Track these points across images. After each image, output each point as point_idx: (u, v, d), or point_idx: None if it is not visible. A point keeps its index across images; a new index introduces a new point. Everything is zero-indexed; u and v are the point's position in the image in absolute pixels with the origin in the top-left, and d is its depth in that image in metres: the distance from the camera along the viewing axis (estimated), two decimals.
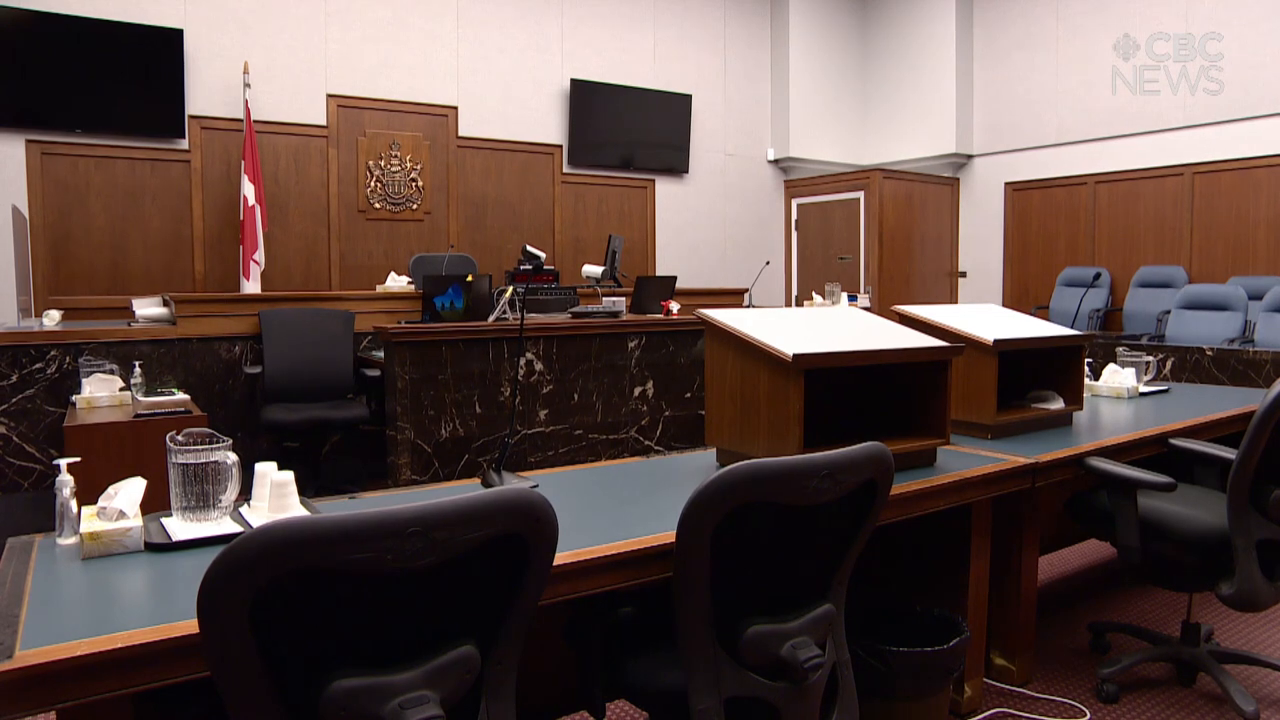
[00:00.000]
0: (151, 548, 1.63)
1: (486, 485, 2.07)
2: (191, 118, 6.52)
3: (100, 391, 3.71)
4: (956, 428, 2.71)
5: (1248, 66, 7.26)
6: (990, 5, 9.00)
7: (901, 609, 2.42)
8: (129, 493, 1.69)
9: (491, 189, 7.87)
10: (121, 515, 1.64)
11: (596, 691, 1.77)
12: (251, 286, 6.38)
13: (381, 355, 4.37)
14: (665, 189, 8.85)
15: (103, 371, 3.82)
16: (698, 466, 2.41)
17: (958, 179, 9.42)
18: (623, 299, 4.98)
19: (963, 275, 9.47)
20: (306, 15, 6.93)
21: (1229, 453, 2.57)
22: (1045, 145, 8.65)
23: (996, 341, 2.80)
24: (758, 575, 1.64)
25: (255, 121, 6.57)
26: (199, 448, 1.71)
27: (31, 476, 4.13)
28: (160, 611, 1.35)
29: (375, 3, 7.22)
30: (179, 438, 1.72)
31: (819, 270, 9.25)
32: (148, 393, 3.80)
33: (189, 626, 1.22)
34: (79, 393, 3.75)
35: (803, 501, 1.54)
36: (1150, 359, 3.98)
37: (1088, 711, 2.58)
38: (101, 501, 1.66)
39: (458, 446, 3.97)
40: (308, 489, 1.96)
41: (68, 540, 1.65)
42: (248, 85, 6.54)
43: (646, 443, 4.53)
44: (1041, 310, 7.95)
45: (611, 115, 8.37)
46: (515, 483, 2.08)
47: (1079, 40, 8.32)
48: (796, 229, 9.59)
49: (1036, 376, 3.13)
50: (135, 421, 3.41)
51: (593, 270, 5.63)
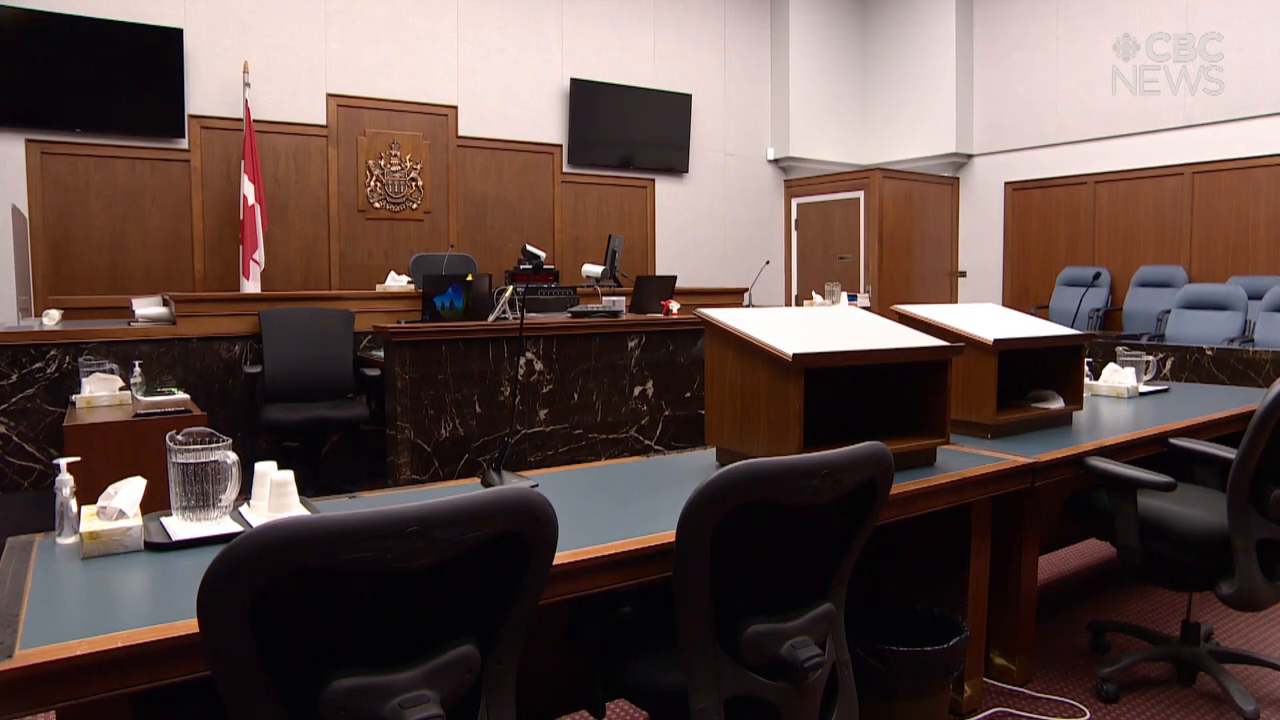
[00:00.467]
0: (151, 547, 1.63)
1: (486, 485, 2.07)
2: (191, 117, 6.52)
3: (100, 391, 3.71)
4: (956, 427, 2.71)
5: (1247, 66, 7.26)
6: (990, 5, 9.00)
7: (901, 608, 2.42)
8: (129, 492, 1.69)
9: (491, 188, 7.87)
10: (121, 515, 1.64)
11: (596, 691, 1.78)
12: (251, 286, 6.38)
13: (381, 355, 4.37)
14: (665, 189, 8.85)
15: (102, 371, 3.82)
16: (697, 466, 2.41)
17: (958, 179, 9.42)
18: (622, 299, 4.98)
19: (963, 275, 9.47)
20: (306, 15, 6.93)
21: (1229, 452, 2.57)
22: (1045, 145, 8.65)
23: (996, 341, 2.80)
24: (757, 575, 1.64)
25: (255, 121, 6.57)
26: (199, 447, 1.71)
27: (31, 476, 4.14)
28: (160, 611, 1.35)
29: (375, 2, 7.22)
30: (179, 437, 1.72)
31: (819, 270, 9.25)
32: (147, 392, 3.80)
33: (189, 626, 1.22)
34: (79, 392, 3.75)
35: (802, 501, 1.54)
36: (1150, 359, 3.98)
37: (1087, 711, 2.58)
38: (101, 501, 1.66)
39: (458, 446, 3.97)
40: (307, 489, 1.95)
41: (68, 540, 1.65)
42: (247, 85, 6.54)
43: (646, 442, 4.53)
44: (1041, 310, 7.95)
45: (611, 115, 8.37)
46: (515, 482, 2.08)
47: (1079, 40, 8.32)
48: (796, 229, 9.59)
49: (1036, 376, 3.13)
50: (135, 421, 3.42)
51: (593, 270, 5.63)
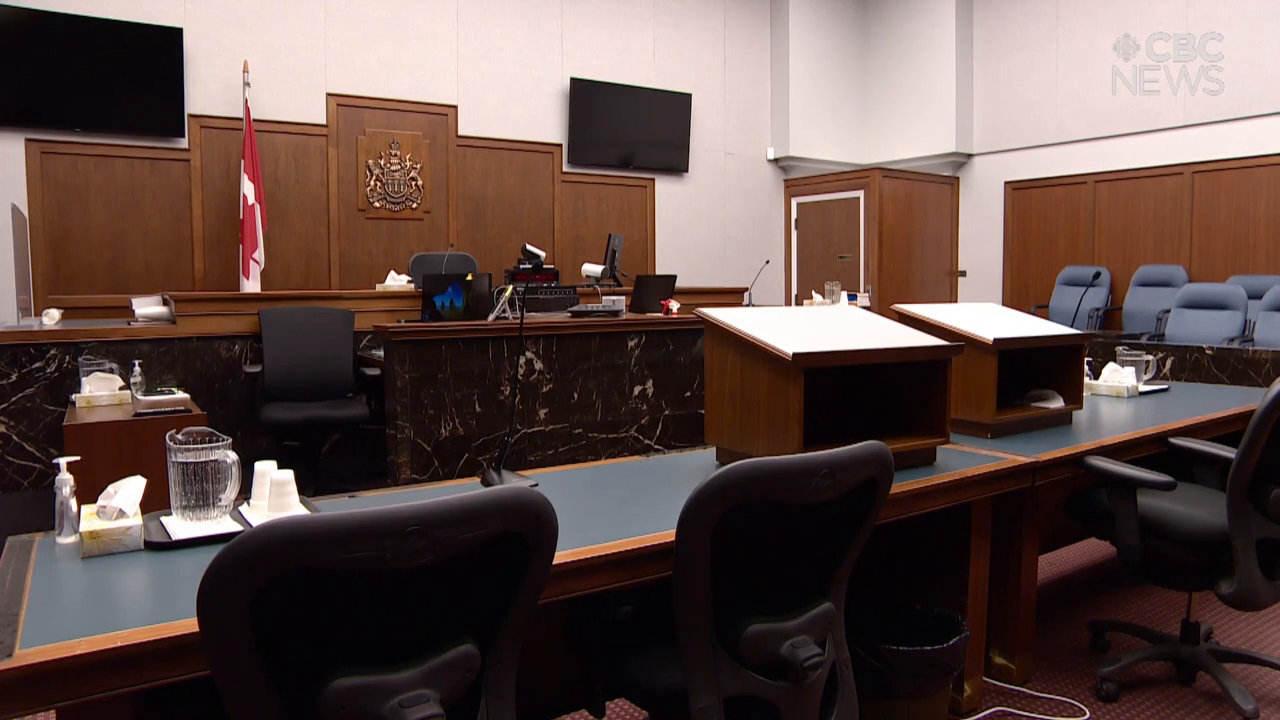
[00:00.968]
0: (151, 546, 1.63)
1: (486, 484, 2.07)
2: (191, 116, 6.52)
3: (100, 390, 3.71)
4: (956, 427, 2.71)
5: (1247, 66, 7.26)
6: (990, 4, 9.00)
7: (901, 608, 2.42)
8: (128, 491, 1.69)
9: (491, 188, 7.87)
10: (121, 514, 1.64)
11: (596, 690, 1.78)
12: (251, 285, 6.38)
13: (381, 354, 4.37)
14: (665, 188, 8.85)
15: (102, 370, 3.82)
16: (697, 465, 2.41)
17: (957, 178, 9.42)
18: (622, 298, 4.98)
19: (962, 274, 9.46)
20: (306, 14, 6.93)
21: (1229, 452, 2.57)
22: (1045, 144, 8.65)
23: (996, 340, 2.80)
24: (757, 574, 1.64)
25: (255, 120, 6.57)
26: (198, 446, 1.71)
27: (31, 475, 4.13)
28: (160, 610, 1.35)
29: (375, 2, 7.22)
30: (179, 436, 1.71)
31: (819, 269, 9.25)
32: (147, 392, 3.79)
33: (189, 625, 1.22)
34: (79, 392, 3.75)
35: (802, 500, 1.54)
36: (1150, 358, 3.98)
37: (1087, 710, 2.58)
38: (101, 500, 1.66)
39: (457, 445, 3.97)
40: (307, 488, 1.95)
41: (67, 539, 1.65)
42: (247, 84, 6.54)
43: (646, 442, 4.53)
44: (1041, 309, 7.94)
45: (611, 114, 8.36)
46: (515, 482, 2.08)
47: (1079, 40, 8.31)
48: (796, 228, 9.59)
49: (1036, 375, 3.13)
50: (135, 420, 3.41)
51: (592, 269, 5.63)
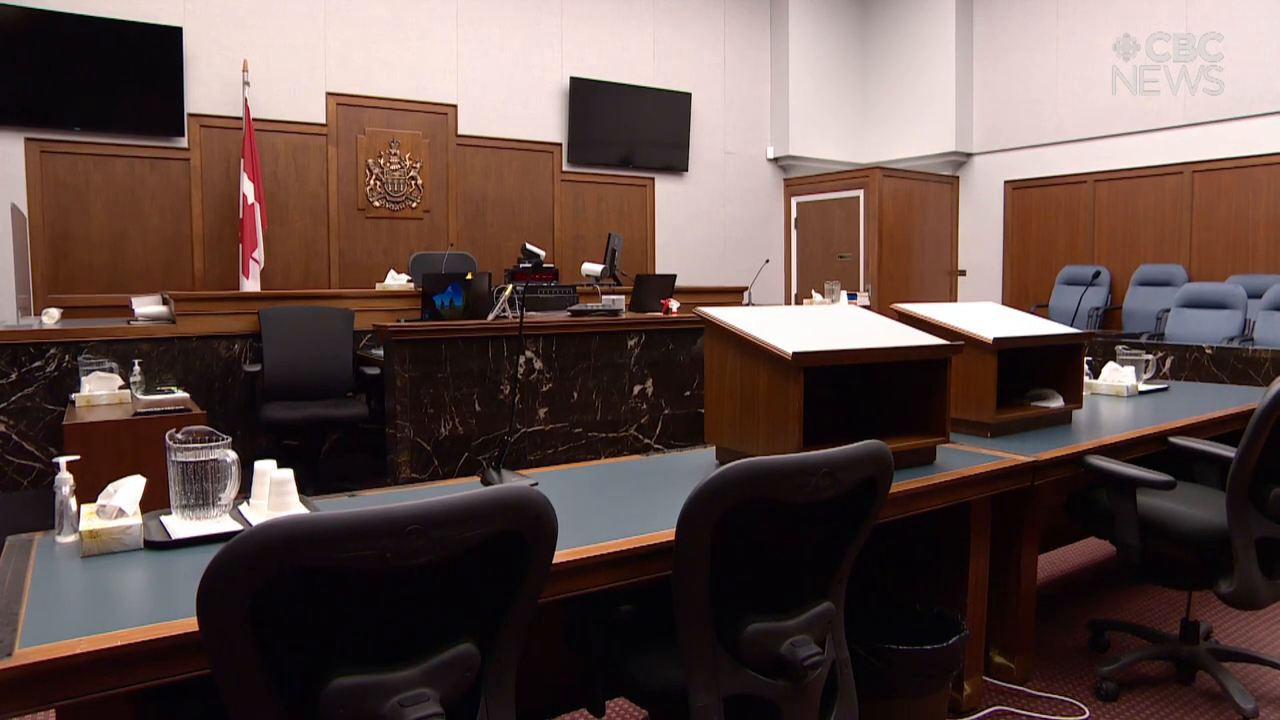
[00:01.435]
0: (151, 546, 1.63)
1: (486, 483, 2.07)
2: (191, 116, 6.51)
3: (99, 390, 3.71)
4: (956, 426, 2.71)
5: (1247, 65, 7.26)
6: (990, 4, 9.00)
7: (901, 607, 2.42)
8: (128, 491, 1.69)
9: (491, 187, 7.87)
10: (121, 513, 1.64)
11: (596, 689, 1.77)
12: (251, 285, 6.38)
13: (381, 353, 4.37)
14: (665, 187, 8.85)
15: (102, 370, 3.82)
16: (697, 465, 2.41)
17: (957, 177, 9.42)
18: (622, 297, 4.98)
19: (962, 274, 9.46)
20: (305, 13, 6.92)
21: (1228, 451, 2.57)
22: (1045, 144, 8.65)
23: (996, 340, 2.80)
24: (757, 573, 1.64)
25: (254, 120, 6.57)
26: (198, 446, 1.70)
27: (31, 475, 4.13)
28: (160, 610, 1.35)
29: (374, 1, 7.21)
30: (178, 436, 1.71)
31: (819, 269, 9.25)
32: (147, 391, 3.79)
33: (188, 625, 1.22)
34: (78, 391, 3.75)
35: (802, 499, 1.54)
36: (1150, 357, 3.98)
37: (1087, 710, 2.58)
38: (101, 500, 1.66)
39: (457, 445, 3.97)
40: (307, 487, 1.95)
41: (67, 538, 1.65)
42: (247, 83, 6.53)
43: (646, 441, 4.53)
44: (1041, 309, 7.94)
45: (611, 113, 8.36)
46: (515, 481, 2.08)
47: (1078, 39, 8.31)
48: (796, 227, 9.59)
49: (1036, 375, 3.13)
50: (134, 420, 3.41)
51: (592, 268, 5.63)
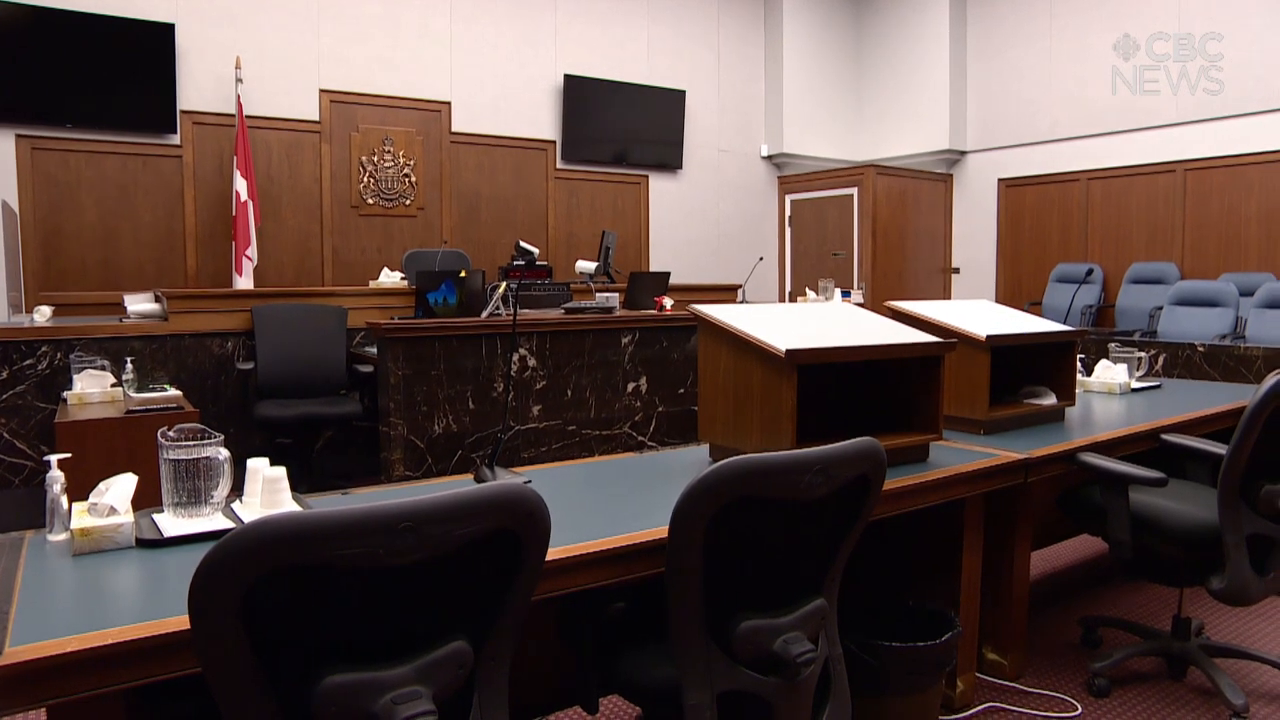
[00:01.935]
0: (143, 544, 1.62)
1: (479, 481, 2.07)
2: (183, 113, 6.49)
3: (92, 388, 3.70)
4: (949, 423, 2.72)
5: (1240, 64, 7.27)
6: (984, 2, 9.00)
7: (894, 604, 2.42)
8: (120, 489, 1.68)
9: (485, 185, 7.85)
10: (113, 511, 1.63)
11: (590, 687, 1.78)
12: (244, 282, 6.36)
13: (374, 351, 4.36)
14: (659, 185, 8.85)
15: (94, 368, 3.81)
16: (691, 462, 2.41)
17: (951, 175, 9.43)
18: (616, 295, 4.98)
19: (956, 271, 9.48)
20: (298, 9, 6.90)
21: (1220, 448, 2.58)
22: (1038, 142, 8.66)
23: (989, 337, 2.81)
24: (750, 570, 1.64)
25: (247, 116, 6.55)
26: (190, 443, 1.70)
27: (22, 473, 4.12)
28: (151, 608, 1.35)
29: None
30: (170, 433, 1.71)
31: (813, 266, 9.25)
32: (139, 389, 3.78)
33: (180, 623, 1.21)
34: (70, 389, 3.74)
35: (795, 497, 1.54)
36: (1142, 355, 3.99)
37: (1079, 705, 2.59)
38: (92, 498, 1.66)
39: (451, 442, 3.96)
40: (300, 485, 1.95)
41: (58, 537, 1.65)
42: (239, 80, 6.51)
43: (640, 438, 4.53)
44: (1035, 306, 7.95)
45: (605, 111, 8.35)
46: (508, 478, 2.08)
47: (1072, 37, 8.33)
48: (790, 225, 9.59)
49: (1029, 372, 3.14)
50: (127, 418, 3.41)
51: (586, 266, 5.62)
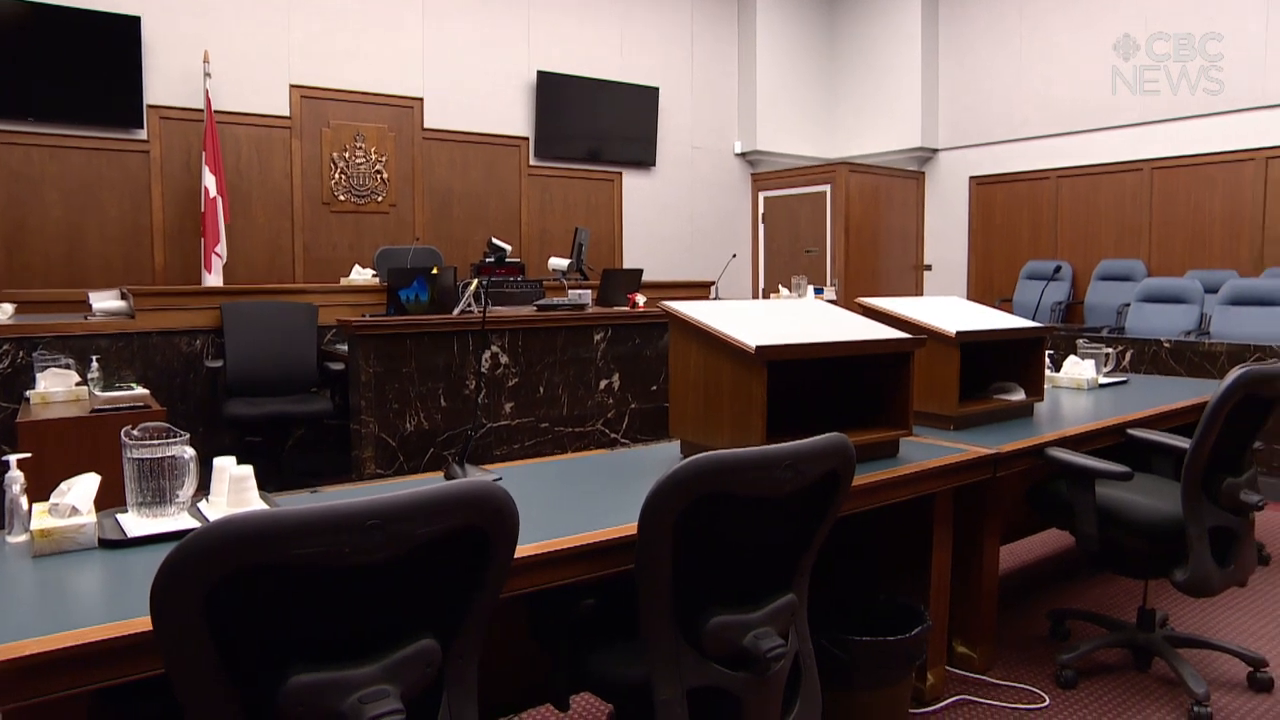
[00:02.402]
0: (106, 544, 1.60)
1: (450, 479, 2.06)
2: (150, 107, 6.39)
3: (56, 386, 3.63)
4: (919, 419, 2.73)
5: (1205, 64, 7.38)
6: (956, 1, 9.07)
7: (864, 598, 2.44)
8: (82, 489, 1.66)
9: (457, 181, 7.81)
10: (74, 511, 1.61)
11: (560, 684, 1.77)
12: (213, 279, 6.28)
13: (345, 349, 4.32)
14: (632, 182, 8.84)
15: (58, 366, 3.74)
16: (662, 458, 2.41)
17: (923, 173, 9.50)
18: (589, 292, 4.97)
19: (928, 268, 9.56)
20: (268, 3, 6.81)
21: (1184, 442, 2.62)
22: (1009, 140, 8.75)
23: (959, 333, 2.83)
24: (720, 566, 1.64)
25: (216, 111, 6.46)
26: (155, 442, 1.68)
27: None
28: (114, 609, 1.33)
29: None
30: (134, 432, 1.69)
31: (786, 263, 9.29)
32: (105, 387, 3.72)
33: (144, 623, 1.20)
34: (33, 388, 3.67)
35: (765, 492, 1.55)
36: (1110, 351, 4.05)
37: (1047, 697, 2.63)
38: (53, 498, 1.63)
39: (422, 440, 3.94)
40: (271, 484, 1.93)
41: (18, 538, 1.62)
42: (208, 74, 6.42)
43: (612, 435, 4.53)
44: (1005, 303, 8.03)
45: (578, 108, 8.33)
46: (478, 476, 2.07)
47: (1042, 37, 8.41)
48: (763, 222, 9.63)
49: (999, 368, 3.17)
50: (92, 417, 3.35)
51: (559, 263, 5.61)
